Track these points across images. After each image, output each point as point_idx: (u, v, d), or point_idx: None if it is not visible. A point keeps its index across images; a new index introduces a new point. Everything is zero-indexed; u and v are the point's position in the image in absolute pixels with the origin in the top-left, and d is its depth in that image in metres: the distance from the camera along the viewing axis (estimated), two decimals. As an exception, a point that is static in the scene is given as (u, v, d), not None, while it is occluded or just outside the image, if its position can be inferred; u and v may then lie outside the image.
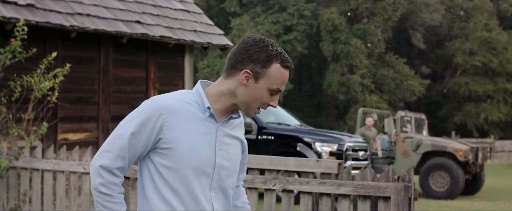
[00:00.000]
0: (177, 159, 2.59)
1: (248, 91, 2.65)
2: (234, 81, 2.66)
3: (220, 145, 2.68)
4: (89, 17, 11.10)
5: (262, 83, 2.65)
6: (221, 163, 2.69)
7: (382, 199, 5.33)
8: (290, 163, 5.86)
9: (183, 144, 2.59)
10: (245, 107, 2.69)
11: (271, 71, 2.65)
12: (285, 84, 2.74)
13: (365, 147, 13.55)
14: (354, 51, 46.52)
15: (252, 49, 2.66)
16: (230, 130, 2.75)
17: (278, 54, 2.67)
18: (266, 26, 47.75)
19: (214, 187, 2.68)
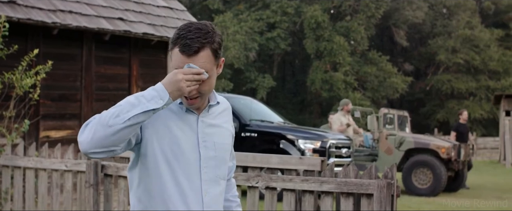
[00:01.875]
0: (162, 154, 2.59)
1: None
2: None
3: (203, 136, 2.66)
4: (71, 14, 11.05)
5: (171, 65, 2.63)
6: (207, 154, 2.67)
7: (365, 196, 5.34)
8: (273, 160, 5.85)
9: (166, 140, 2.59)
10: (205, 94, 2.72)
11: (173, 54, 2.61)
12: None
13: (348, 144, 13.58)
14: (337, 48, 46.61)
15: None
16: (212, 119, 2.73)
17: (179, 38, 2.58)
18: (249, 23, 47.73)
19: (205, 179, 2.66)
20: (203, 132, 2.67)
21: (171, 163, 2.59)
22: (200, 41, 2.58)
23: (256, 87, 47.83)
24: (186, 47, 2.57)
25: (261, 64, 52.36)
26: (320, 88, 46.95)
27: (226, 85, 46.36)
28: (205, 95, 2.67)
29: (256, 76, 48.87)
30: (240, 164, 5.88)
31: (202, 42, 2.59)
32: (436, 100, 53.42)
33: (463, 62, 51.40)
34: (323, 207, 5.55)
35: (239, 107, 13.10)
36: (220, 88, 44.70)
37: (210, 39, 2.61)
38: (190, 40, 2.57)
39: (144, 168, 2.62)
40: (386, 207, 5.24)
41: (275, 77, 51.10)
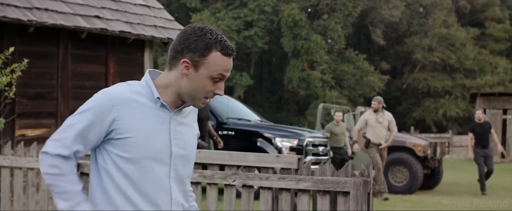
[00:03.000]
0: (132, 149, 2.57)
1: (190, 81, 2.61)
2: (177, 72, 2.64)
3: (175, 134, 2.67)
4: (47, 11, 10.98)
5: (203, 71, 2.59)
6: (177, 152, 2.67)
7: (342, 194, 5.37)
8: (250, 158, 5.86)
9: (138, 134, 2.58)
10: (190, 98, 2.66)
11: (210, 59, 2.58)
12: (229, 71, 2.67)
13: (325, 142, 13.62)
14: (315, 47, 46.72)
15: (190, 38, 2.61)
16: (183, 118, 2.72)
17: (217, 42, 2.60)
18: (227, 22, 47.69)
19: (173, 177, 2.66)
20: (175, 130, 2.67)
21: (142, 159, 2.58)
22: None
23: (234, 86, 47.82)
24: (230, 49, 2.63)
25: (239, 63, 52.33)
26: (297, 86, 47.05)
27: (203, 83, 46.24)
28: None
29: (234, 74, 48.84)
30: (217, 163, 5.88)
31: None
32: (413, 99, 53.75)
33: (439, 60, 51.77)
34: (299, 205, 5.57)
35: (216, 105, 13.10)
36: (198, 86, 44.59)
37: None
38: (226, 41, 2.63)
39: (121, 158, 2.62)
40: (362, 205, 5.27)
41: (252, 75, 51.12)
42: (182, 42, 2.62)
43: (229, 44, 2.63)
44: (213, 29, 2.64)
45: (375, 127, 13.91)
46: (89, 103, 2.63)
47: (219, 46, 2.59)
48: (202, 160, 5.92)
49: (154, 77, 2.71)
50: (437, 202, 13.13)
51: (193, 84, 2.61)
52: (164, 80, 2.68)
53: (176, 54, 2.63)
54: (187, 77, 2.61)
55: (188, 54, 2.59)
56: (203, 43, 2.58)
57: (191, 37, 2.60)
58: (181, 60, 2.60)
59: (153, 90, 2.64)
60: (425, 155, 15.19)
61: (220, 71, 2.61)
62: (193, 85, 2.61)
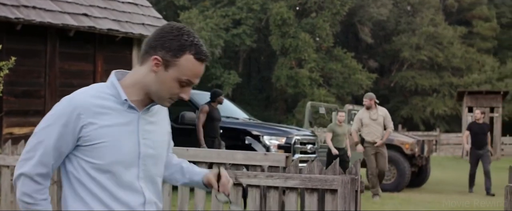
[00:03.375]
0: (102, 155, 2.52)
1: (157, 79, 2.55)
2: (146, 68, 2.57)
3: (143, 134, 2.61)
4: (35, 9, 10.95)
5: (172, 72, 2.53)
6: (146, 152, 2.61)
7: (329, 192, 5.39)
8: (238, 156, 5.87)
9: (107, 140, 2.52)
10: (156, 97, 2.59)
11: (182, 61, 2.52)
12: (199, 77, 2.61)
13: (313, 140, 13.65)
14: (303, 45, 46.75)
15: (166, 36, 2.54)
16: (151, 117, 2.66)
17: (192, 45, 2.53)
18: (215, 20, 47.66)
19: (142, 177, 2.61)
20: (143, 129, 2.61)
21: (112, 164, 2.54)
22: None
23: (222, 84, 47.78)
24: (204, 54, 2.57)
25: (227, 61, 52.31)
26: (285, 84, 47.08)
27: (191, 81, 46.20)
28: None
29: (222, 72, 48.83)
30: (205, 160, 5.90)
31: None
32: (400, 97, 53.90)
33: (427, 59, 51.94)
34: (287, 203, 5.58)
35: (205, 103, 13.11)
36: (186, 84, 44.56)
37: None
38: (202, 46, 2.57)
39: (91, 165, 2.58)
40: (350, 203, 5.29)
41: (240, 73, 51.11)
42: (157, 38, 2.56)
43: (205, 50, 2.57)
44: (192, 32, 2.59)
45: (369, 125, 13.39)
46: (53, 116, 2.55)
47: (193, 49, 2.53)
48: (190, 159, 5.92)
49: (120, 77, 2.64)
50: (424, 199, 13.18)
51: (159, 83, 2.55)
52: (132, 77, 2.61)
53: (149, 49, 2.57)
54: (155, 74, 2.54)
55: (160, 52, 2.53)
56: (178, 44, 2.52)
57: (167, 35, 2.54)
58: (152, 56, 2.54)
59: (120, 92, 2.57)
60: (413, 153, 15.25)
61: (189, 76, 2.55)
62: (159, 84, 2.55)
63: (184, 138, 12.43)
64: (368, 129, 13.38)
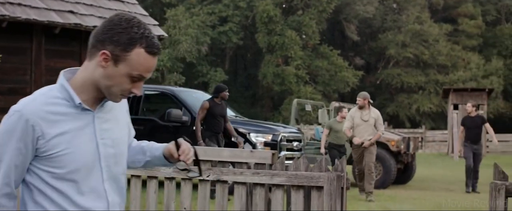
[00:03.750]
0: (61, 164, 2.39)
1: (107, 75, 2.39)
2: (94, 63, 2.41)
3: (101, 134, 2.48)
4: (20, 6, 10.91)
5: (122, 68, 2.37)
6: (107, 152, 2.49)
7: (315, 189, 5.41)
8: (224, 153, 5.88)
9: (64, 148, 2.38)
10: (107, 93, 2.44)
11: (133, 55, 2.35)
12: (151, 72, 2.44)
13: (299, 137, 13.67)
14: (289, 42, 46.81)
15: (115, 29, 2.38)
16: (106, 113, 2.53)
17: (143, 38, 2.36)
18: (202, 17, 47.63)
19: (106, 179, 2.50)
20: (100, 129, 2.48)
21: (73, 172, 2.42)
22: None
23: (208, 81, 47.74)
24: (156, 47, 2.40)
25: (213, 58, 52.28)
26: (271, 82, 47.12)
27: (178, 78, 46.20)
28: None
29: (208, 70, 48.79)
30: (191, 158, 5.89)
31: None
32: (386, 94, 54.07)
33: (413, 56, 52.12)
34: (274, 200, 5.60)
35: (191, 101, 13.10)
36: (172, 81, 44.54)
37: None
38: (153, 38, 2.41)
39: (51, 174, 2.44)
40: (336, 200, 5.32)
41: (227, 71, 51.10)
42: (105, 31, 2.40)
43: (156, 42, 2.41)
44: (142, 23, 2.41)
45: (360, 125, 12.93)
46: (6, 132, 2.39)
47: (144, 42, 2.37)
48: (176, 156, 5.92)
49: (70, 76, 2.48)
50: (410, 196, 13.25)
51: (109, 79, 2.40)
52: (82, 75, 2.46)
53: (96, 44, 2.40)
54: (104, 70, 2.39)
55: (109, 46, 2.36)
56: (127, 37, 2.35)
57: (116, 28, 2.38)
58: (100, 50, 2.37)
59: (73, 95, 2.43)
60: (399, 150, 15.30)
61: (140, 71, 2.39)
62: (109, 80, 2.39)
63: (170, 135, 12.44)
64: (358, 129, 12.94)
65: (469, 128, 14.81)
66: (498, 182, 4.79)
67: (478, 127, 14.83)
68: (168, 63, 46.04)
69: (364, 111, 13.04)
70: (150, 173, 5.97)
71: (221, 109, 11.96)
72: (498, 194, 4.74)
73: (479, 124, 14.79)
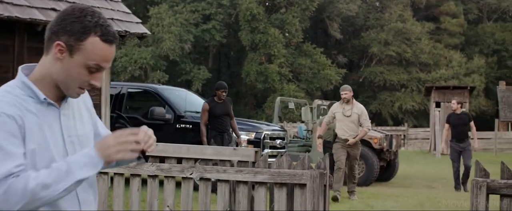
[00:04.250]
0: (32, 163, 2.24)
1: (63, 67, 2.29)
2: (50, 57, 2.32)
3: (67, 131, 2.38)
4: (2, 4, 10.85)
5: (78, 58, 2.28)
6: (73, 150, 2.38)
7: (298, 186, 5.42)
8: (207, 151, 5.88)
9: (33, 147, 2.25)
10: (64, 87, 2.33)
11: (87, 44, 2.27)
12: (109, 61, 2.33)
13: (282, 135, 13.69)
14: (272, 40, 46.84)
15: (68, 19, 2.29)
16: (71, 109, 2.44)
17: (97, 26, 2.28)
18: (185, 15, 47.55)
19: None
20: (66, 127, 2.38)
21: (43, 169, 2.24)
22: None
23: (192, 79, 47.70)
24: (111, 35, 2.32)
25: (197, 56, 52.22)
26: (255, 79, 47.14)
27: (161, 76, 46.11)
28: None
29: (192, 67, 48.74)
30: (174, 156, 5.90)
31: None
32: (369, 92, 54.26)
33: (395, 54, 52.36)
34: (257, 197, 5.61)
35: (174, 98, 13.08)
36: (155, 79, 44.45)
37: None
38: (108, 26, 2.32)
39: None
40: (319, 197, 5.33)
41: (210, 69, 51.05)
42: (59, 22, 2.31)
43: (112, 30, 2.32)
44: (96, 12, 2.33)
45: (342, 121, 12.05)
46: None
47: (99, 31, 2.28)
48: (159, 154, 5.93)
49: (28, 72, 2.38)
50: (392, 194, 13.30)
51: (66, 72, 2.30)
52: (40, 71, 2.36)
53: (51, 36, 2.32)
54: (60, 62, 2.29)
55: (63, 37, 2.28)
56: (81, 26, 2.27)
57: (69, 18, 2.30)
58: (55, 42, 2.28)
59: (36, 91, 2.32)
60: (381, 148, 15.35)
61: (97, 61, 2.29)
62: (66, 73, 2.30)
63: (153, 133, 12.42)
64: (339, 126, 12.11)
65: (455, 126, 14.29)
66: (479, 179, 4.82)
67: (464, 124, 14.30)
68: (151, 61, 45.96)
69: (347, 106, 12.11)
70: (133, 171, 5.96)
71: (223, 107, 11.60)
72: (480, 191, 4.78)
73: (465, 122, 14.28)
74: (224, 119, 11.52)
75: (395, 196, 12.80)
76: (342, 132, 12.04)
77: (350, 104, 12.15)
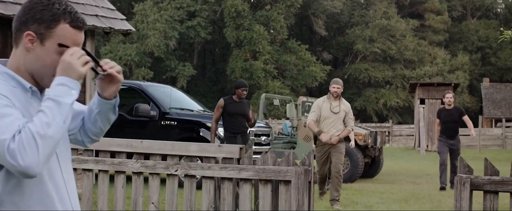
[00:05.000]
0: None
1: (36, 56, 2.30)
2: (22, 48, 2.32)
3: None
4: (-15, 0, 10.78)
5: (49, 45, 2.29)
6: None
7: (283, 183, 5.43)
8: (192, 148, 5.87)
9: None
10: (39, 77, 2.32)
11: (58, 31, 2.29)
12: (80, 45, 2.35)
13: (267, 132, 13.70)
14: (257, 37, 46.84)
15: (36, 8, 2.30)
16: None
17: (66, 13, 2.31)
18: (170, 12, 47.44)
19: (63, 166, 2.37)
20: None
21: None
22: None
23: (176, 76, 47.61)
24: (80, 21, 2.36)
25: (182, 53, 52.13)
26: (240, 76, 47.11)
27: (146, 73, 45.99)
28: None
29: (176, 64, 48.64)
30: (159, 153, 5.89)
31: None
32: (354, 89, 54.37)
33: (380, 51, 52.50)
34: (241, 194, 5.61)
35: (159, 95, 13.04)
36: (140, 76, 44.34)
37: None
38: (76, 13, 2.36)
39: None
40: (303, 194, 5.34)
41: (195, 65, 50.97)
42: (26, 12, 2.32)
43: (80, 16, 2.36)
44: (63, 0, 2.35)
45: (328, 118, 10.68)
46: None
47: (68, 17, 2.32)
48: (144, 150, 5.91)
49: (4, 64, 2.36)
50: (377, 190, 13.34)
51: (39, 60, 2.30)
52: (12, 64, 2.34)
53: (20, 26, 2.32)
54: (32, 51, 2.29)
55: (33, 26, 2.29)
56: (50, 14, 2.29)
57: (37, 7, 2.31)
58: (25, 32, 2.29)
59: (20, 80, 2.31)
60: (366, 144, 15.39)
61: (67, 42, 2.30)
62: (39, 61, 2.30)
63: (138, 130, 12.38)
64: (325, 123, 10.69)
65: (445, 122, 13.38)
66: (463, 175, 4.85)
67: (454, 121, 13.41)
68: (136, 57, 45.82)
69: (334, 102, 10.78)
70: (118, 168, 5.95)
71: (240, 107, 10.91)
72: (463, 187, 4.80)
73: (456, 118, 13.38)
74: (238, 119, 10.86)
75: (379, 192, 12.84)
76: (328, 131, 10.65)
77: (337, 100, 10.84)
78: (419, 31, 56.33)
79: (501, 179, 4.74)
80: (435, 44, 56.10)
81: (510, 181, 4.71)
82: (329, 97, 10.85)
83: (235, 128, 10.78)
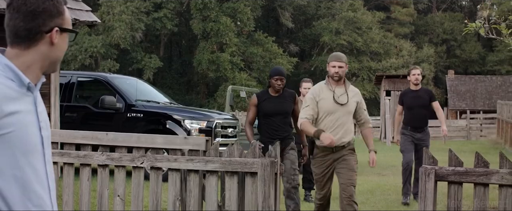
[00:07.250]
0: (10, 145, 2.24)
1: (58, 46, 2.40)
2: (41, 47, 2.36)
3: (40, 115, 2.38)
4: None
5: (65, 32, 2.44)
6: (46, 135, 2.39)
7: (249, 175, 5.44)
8: (158, 140, 5.86)
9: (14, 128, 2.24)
10: (54, 65, 2.44)
11: (65, 16, 2.43)
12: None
13: (234, 124, 13.70)
14: (224, 29, 46.76)
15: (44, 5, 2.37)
16: (38, 95, 2.42)
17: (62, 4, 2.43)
18: (136, 3, 47.11)
19: (48, 161, 2.39)
20: (39, 111, 2.39)
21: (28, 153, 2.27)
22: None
23: (143, 68, 47.35)
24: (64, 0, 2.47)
25: (148, 45, 51.86)
26: (206, 68, 47.04)
27: (112, 65, 45.66)
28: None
29: (143, 56, 48.36)
30: (124, 145, 5.86)
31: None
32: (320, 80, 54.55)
33: (346, 43, 52.75)
34: (208, 186, 5.61)
35: (125, 87, 12.98)
36: (106, 68, 44.02)
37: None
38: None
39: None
40: (270, 185, 5.36)
41: (161, 57, 50.75)
42: (38, 12, 2.35)
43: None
44: None
45: (332, 113, 6.95)
46: None
47: (63, 1, 2.45)
48: (109, 143, 5.88)
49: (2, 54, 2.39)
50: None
51: (61, 48, 2.43)
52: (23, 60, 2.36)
53: (39, 29, 2.36)
54: (56, 45, 2.40)
55: (51, 23, 2.37)
56: (55, 5, 2.39)
57: (42, 4, 2.36)
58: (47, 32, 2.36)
59: (20, 75, 2.31)
60: (332, 136, 15.42)
61: (70, 24, 2.46)
62: (61, 49, 2.44)
63: (104, 122, 12.32)
64: (328, 120, 6.95)
65: (411, 108, 10.05)
66: (428, 166, 4.90)
67: (423, 106, 10.05)
68: (102, 49, 45.47)
69: (339, 89, 7.14)
70: (83, 160, 5.91)
71: (278, 103, 8.13)
72: (428, 178, 4.85)
73: (426, 102, 10.03)
74: (276, 120, 8.09)
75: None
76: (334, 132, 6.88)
77: (342, 85, 7.22)
78: (385, 23, 56.72)
79: (465, 170, 4.80)
80: (401, 36, 56.53)
81: (474, 172, 4.77)
82: (328, 82, 7.19)
83: (270, 132, 8.08)
